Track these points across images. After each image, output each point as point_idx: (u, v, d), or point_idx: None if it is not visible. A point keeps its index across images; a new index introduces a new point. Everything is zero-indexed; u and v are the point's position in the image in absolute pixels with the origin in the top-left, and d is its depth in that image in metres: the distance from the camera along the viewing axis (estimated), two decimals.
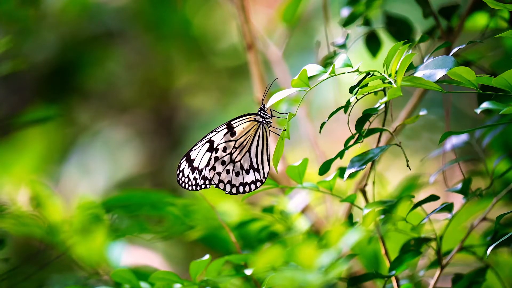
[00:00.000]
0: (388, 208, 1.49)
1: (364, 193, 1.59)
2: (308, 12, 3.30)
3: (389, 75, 1.33)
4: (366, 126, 1.44)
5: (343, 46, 1.78)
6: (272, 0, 3.67)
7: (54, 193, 2.03)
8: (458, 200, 1.59)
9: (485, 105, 1.32)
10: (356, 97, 1.39)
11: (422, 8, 1.82)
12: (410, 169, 1.42)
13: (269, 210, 1.90)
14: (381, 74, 1.34)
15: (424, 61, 1.35)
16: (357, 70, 1.38)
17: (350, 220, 1.52)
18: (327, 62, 1.81)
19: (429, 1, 1.81)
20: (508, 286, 1.84)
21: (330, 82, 1.59)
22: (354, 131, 1.43)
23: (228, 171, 1.54)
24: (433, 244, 1.55)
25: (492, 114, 1.76)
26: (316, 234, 2.01)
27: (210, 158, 1.54)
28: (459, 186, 1.56)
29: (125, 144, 3.91)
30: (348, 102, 1.40)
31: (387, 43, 1.84)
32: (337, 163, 1.55)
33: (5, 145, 3.30)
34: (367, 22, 1.88)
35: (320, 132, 1.42)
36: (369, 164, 1.55)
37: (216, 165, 1.54)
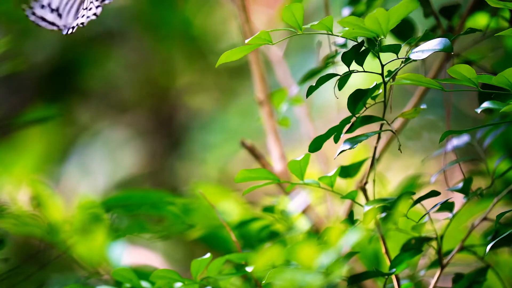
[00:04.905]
0: (388, 205, 1.48)
1: (364, 191, 1.59)
2: (309, 12, 3.30)
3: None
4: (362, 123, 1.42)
5: (344, 45, 1.78)
6: (273, 0, 3.67)
7: (54, 193, 2.03)
8: (458, 200, 1.59)
9: (485, 104, 1.32)
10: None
11: (422, 8, 1.82)
12: (401, 152, 1.41)
13: (269, 209, 1.90)
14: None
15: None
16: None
17: (350, 218, 1.51)
18: (328, 62, 1.82)
19: (430, 1, 1.81)
20: (508, 286, 1.83)
21: (331, 82, 1.59)
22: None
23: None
24: (434, 243, 1.55)
25: (493, 114, 1.76)
26: (316, 233, 2.00)
27: None
28: (460, 185, 1.56)
29: (125, 144, 3.90)
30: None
31: (388, 42, 1.84)
32: (337, 162, 1.54)
33: (5, 145, 3.30)
34: None
35: (307, 96, 1.40)
36: (369, 163, 1.55)
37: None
